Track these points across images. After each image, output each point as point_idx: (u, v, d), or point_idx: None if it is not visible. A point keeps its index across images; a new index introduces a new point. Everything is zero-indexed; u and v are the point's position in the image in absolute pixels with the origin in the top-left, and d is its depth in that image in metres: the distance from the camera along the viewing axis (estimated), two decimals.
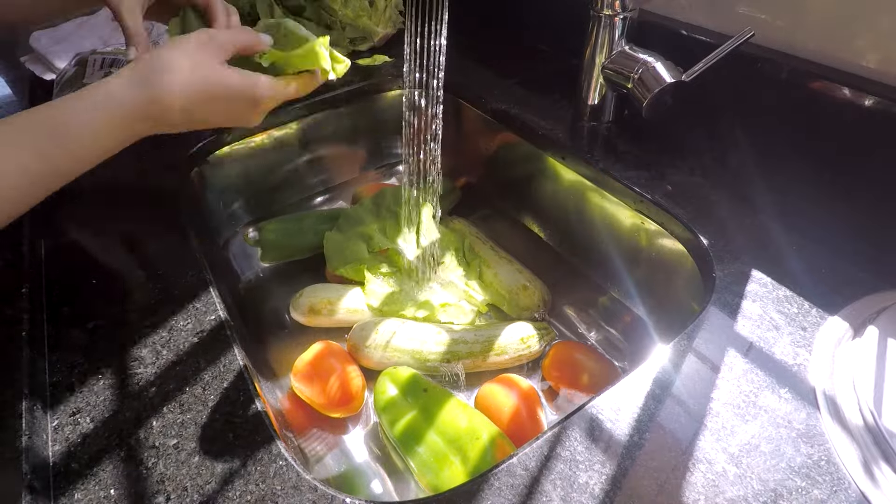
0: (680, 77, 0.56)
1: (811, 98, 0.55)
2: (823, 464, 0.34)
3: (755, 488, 0.33)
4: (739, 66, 0.58)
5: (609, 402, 0.38)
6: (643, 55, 0.59)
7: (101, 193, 0.59)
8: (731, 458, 0.35)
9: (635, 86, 0.58)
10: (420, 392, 0.50)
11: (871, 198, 0.52)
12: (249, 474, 0.35)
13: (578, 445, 0.36)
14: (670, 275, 0.56)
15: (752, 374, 0.39)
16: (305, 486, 0.34)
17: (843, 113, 0.53)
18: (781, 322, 0.43)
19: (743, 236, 0.50)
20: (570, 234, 0.69)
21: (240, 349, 0.43)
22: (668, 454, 0.35)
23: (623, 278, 0.63)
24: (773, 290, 0.45)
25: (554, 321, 0.63)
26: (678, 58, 0.58)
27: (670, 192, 0.56)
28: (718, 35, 0.61)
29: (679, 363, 0.40)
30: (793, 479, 0.34)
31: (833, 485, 0.33)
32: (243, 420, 0.38)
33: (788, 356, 0.41)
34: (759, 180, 0.57)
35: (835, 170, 0.55)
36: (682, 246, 0.53)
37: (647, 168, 0.59)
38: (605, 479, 0.34)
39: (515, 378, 0.53)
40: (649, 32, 0.63)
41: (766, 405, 0.38)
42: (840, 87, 0.53)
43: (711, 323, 0.43)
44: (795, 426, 0.36)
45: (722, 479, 0.34)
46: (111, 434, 0.38)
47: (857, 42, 0.52)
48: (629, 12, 0.59)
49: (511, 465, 0.35)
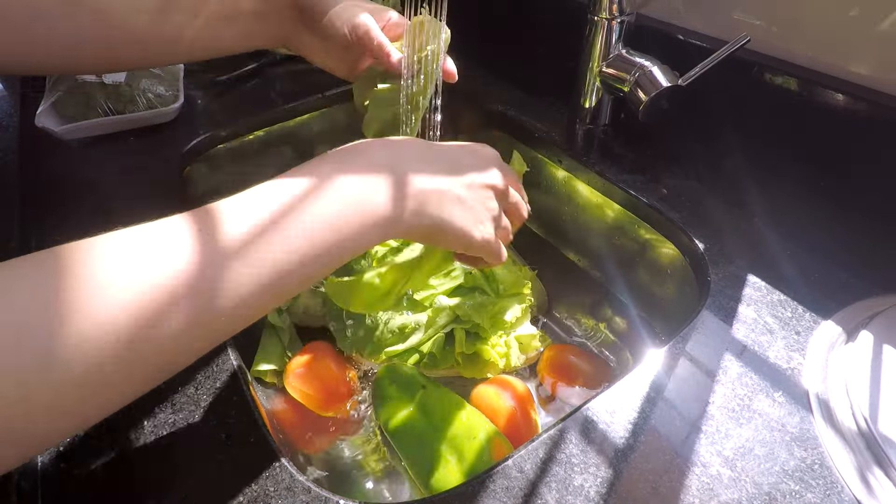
0: (676, 81, 0.57)
1: (806, 104, 0.56)
2: (817, 467, 0.34)
3: (749, 491, 0.33)
4: (735, 72, 0.58)
5: (604, 405, 0.38)
6: (640, 59, 0.59)
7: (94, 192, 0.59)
8: (726, 461, 0.35)
9: (632, 89, 0.59)
10: (418, 388, 0.50)
11: (865, 204, 0.53)
12: (242, 476, 0.35)
13: (574, 448, 0.36)
14: (665, 278, 0.56)
15: (747, 377, 0.40)
16: (299, 487, 0.34)
17: (837, 119, 0.54)
18: (775, 326, 0.43)
19: (737, 240, 0.51)
20: (565, 236, 0.69)
21: (233, 349, 0.43)
22: (662, 457, 0.35)
23: (618, 281, 0.63)
24: (768, 294, 0.45)
25: (550, 322, 0.63)
26: (675, 62, 0.58)
27: (665, 196, 0.56)
28: (714, 40, 0.61)
29: (674, 366, 0.41)
30: (786, 482, 0.34)
31: (826, 488, 0.33)
32: (236, 421, 0.38)
33: (782, 360, 0.41)
34: (753, 185, 0.57)
35: (829, 175, 0.55)
36: (676, 249, 0.54)
37: (642, 171, 0.59)
38: (601, 482, 0.34)
39: (510, 379, 0.53)
40: (646, 37, 0.63)
41: (760, 409, 0.38)
42: (834, 94, 0.53)
43: (706, 326, 0.43)
44: (789, 430, 0.36)
45: (716, 482, 0.34)
46: (101, 434, 0.37)
47: (851, 49, 0.53)
48: (627, 16, 0.59)
49: (506, 468, 0.35)
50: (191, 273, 0.25)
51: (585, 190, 0.63)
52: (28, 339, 0.21)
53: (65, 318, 0.22)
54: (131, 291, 0.23)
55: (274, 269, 0.27)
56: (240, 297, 0.26)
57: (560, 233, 0.70)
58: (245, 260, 0.27)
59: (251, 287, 0.27)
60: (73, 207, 0.56)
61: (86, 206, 0.56)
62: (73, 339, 0.22)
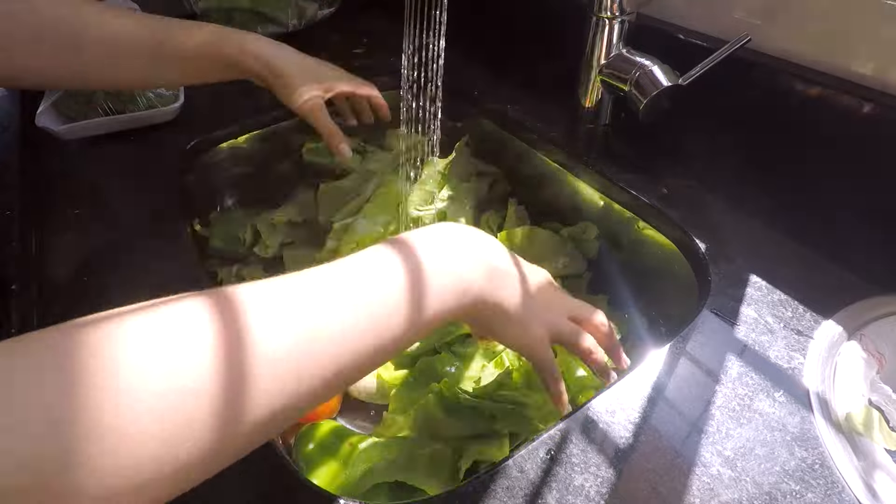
0: (677, 81, 0.57)
1: (806, 103, 0.56)
2: (817, 467, 0.34)
3: (750, 491, 0.33)
4: (735, 71, 0.58)
5: (604, 405, 0.38)
6: (640, 59, 0.59)
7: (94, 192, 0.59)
8: (726, 461, 0.35)
9: (632, 89, 0.59)
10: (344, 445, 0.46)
11: (866, 203, 0.53)
12: (244, 474, 0.35)
13: (574, 448, 0.36)
14: (665, 278, 0.56)
15: (747, 377, 0.40)
16: (299, 486, 0.34)
17: (837, 118, 0.54)
18: (776, 326, 0.43)
19: (738, 240, 0.50)
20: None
21: None
22: (663, 457, 0.35)
23: (618, 280, 0.63)
24: (768, 293, 0.45)
25: None
26: (675, 62, 0.58)
27: (666, 195, 0.56)
28: (715, 40, 0.61)
29: (674, 366, 0.40)
30: (787, 482, 0.34)
31: (827, 488, 0.33)
32: None
33: (783, 360, 0.41)
34: (753, 184, 0.57)
35: (829, 175, 0.55)
36: (677, 249, 0.53)
37: (643, 171, 0.59)
38: (601, 482, 0.34)
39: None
40: (647, 36, 0.63)
41: (761, 409, 0.38)
42: (835, 93, 0.53)
43: (706, 326, 0.43)
44: (790, 430, 0.36)
45: (717, 482, 0.34)
46: None
47: (852, 48, 0.53)
48: (627, 16, 0.59)
49: (506, 467, 0.35)
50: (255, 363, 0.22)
51: (585, 189, 0.63)
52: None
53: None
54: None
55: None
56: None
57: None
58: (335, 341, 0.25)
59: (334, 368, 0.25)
60: (73, 207, 0.56)
61: (86, 206, 0.56)
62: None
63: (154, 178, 0.61)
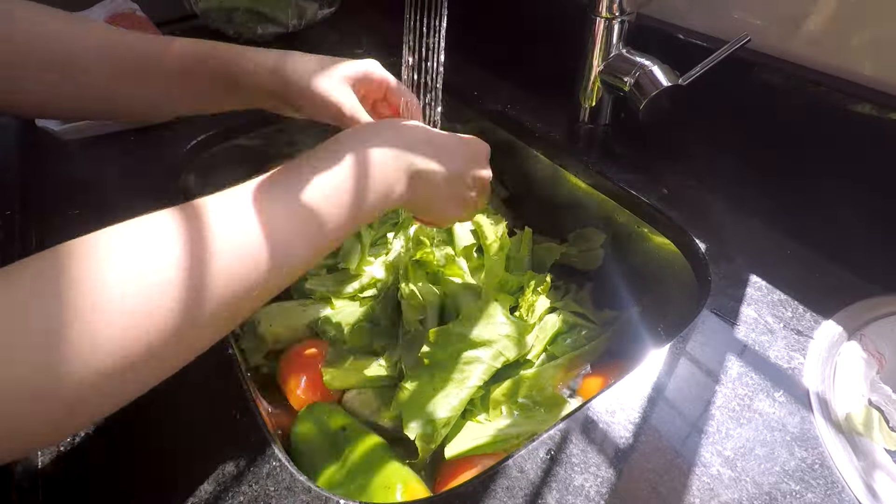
0: (676, 81, 0.57)
1: (805, 103, 0.56)
2: (817, 467, 0.34)
3: (750, 491, 0.33)
4: (735, 71, 0.58)
5: (604, 405, 0.38)
6: (640, 59, 0.59)
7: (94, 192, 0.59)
8: (726, 461, 0.35)
9: (632, 89, 0.59)
10: (338, 430, 0.46)
11: (865, 203, 0.53)
12: (242, 475, 0.35)
13: (574, 448, 0.36)
14: (665, 278, 0.56)
15: (747, 377, 0.40)
16: (299, 487, 0.34)
17: (837, 118, 0.54)
18: (776, 326, 0.43)
19: (738, 240, 0.50)
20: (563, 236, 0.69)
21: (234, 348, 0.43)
22: (663, 457, 0.35)
23: (618, 281, 0.63)
24: (768, 293, 0.45)
25: None
26: (675, 62, 0.58)
27: (666, 196, 0.56)
28: (715, 40, 0.61)
29: (674, 366, 0.40)
30: (787, 482, 0.34)
31: (827, 488, 0.33)
32: (236, 420, 0.38)
33: (783, 360, 0.41)
34: (753, 184, 0.57)
35: (829, 175, 0.55)
36: (677, 249, 0.53)
37: (643, 171, 0.59)
38: (601, 482, 0.34)
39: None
40: (647, 36, 0.63)
41: (761, 409, 0.38)
42: (835, 93, 0.53)
43: (706, 326, 0.43)
44: (790, 430, 0.36)
45: (717, 482, 0.34)
46: (100, 435, 0.37)
47: (852, 48, 0.53)
48: (627, 16, 0.59)
49: (506, 467, 0.35)
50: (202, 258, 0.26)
51: (585, 189, 0.63)
52: (27, 351, 0.22)
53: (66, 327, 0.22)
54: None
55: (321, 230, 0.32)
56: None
57: (558, 232, 0.70)
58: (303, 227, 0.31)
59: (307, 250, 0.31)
60: (73, 207, 0.56)
61: (86, 206, 0.56)
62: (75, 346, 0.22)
63: (154, 178, 0.61)
